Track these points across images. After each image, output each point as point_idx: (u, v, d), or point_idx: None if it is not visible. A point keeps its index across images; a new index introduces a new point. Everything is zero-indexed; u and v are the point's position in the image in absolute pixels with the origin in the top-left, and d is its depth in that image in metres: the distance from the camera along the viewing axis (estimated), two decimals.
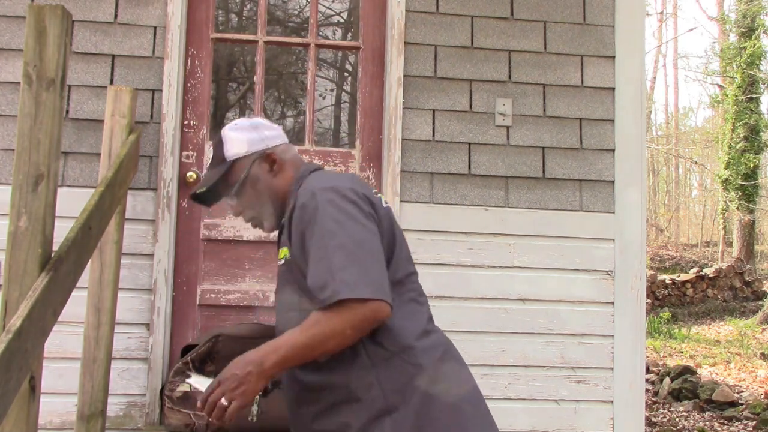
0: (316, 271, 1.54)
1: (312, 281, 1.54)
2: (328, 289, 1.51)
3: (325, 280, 1.52)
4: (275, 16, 3.60)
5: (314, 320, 1.53)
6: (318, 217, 1.58)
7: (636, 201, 3.11)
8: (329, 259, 1.54)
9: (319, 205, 1.59)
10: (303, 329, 1.54)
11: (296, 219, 1.63)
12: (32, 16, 1.70)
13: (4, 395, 1.40)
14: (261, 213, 1.77)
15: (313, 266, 1.55)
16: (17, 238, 1.65)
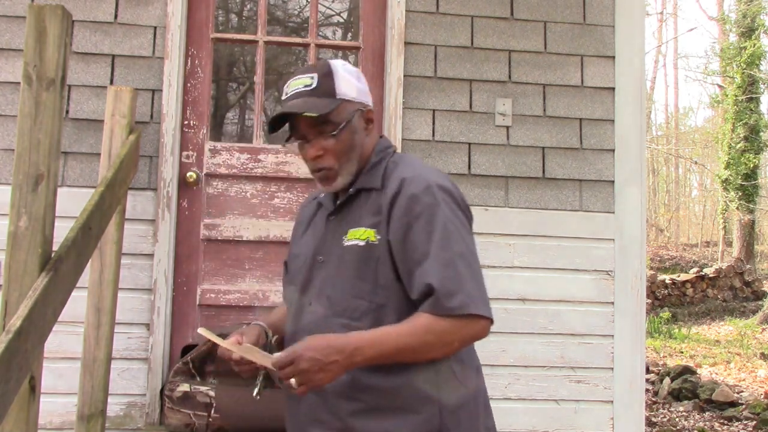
0: (440, 273, 1.46)
1: (437, 283, 1.45)
2: (457, 299, 1.45)
3: (454, 288, 1.45)
4: (275, 16, 3.61)
5: (429, 326, 1.45)
6: (437, 217, 1.51)
7: (636, 201, 3.11)
8: (456, 266, 1.48)
9: (439, 203, 1.52)
10: (414, 333, 1.44)
11: (402, 207, 1.52)
12: (32, 16, 1.70)
13: (4, 395, 1.40)
14: (342, 167, 1.59)
15: (434, 268, 1.47)
16: (17, 238, 1.65)
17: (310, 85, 1.57)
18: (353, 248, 1.56)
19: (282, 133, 1.71)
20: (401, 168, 1.61)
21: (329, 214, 1.65)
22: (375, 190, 1.59)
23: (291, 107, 1.56)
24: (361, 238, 1.56)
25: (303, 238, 1.72)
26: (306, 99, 1.56)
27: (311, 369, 1.38)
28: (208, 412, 2.60)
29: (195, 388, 2.63)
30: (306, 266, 1.64)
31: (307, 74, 1.59)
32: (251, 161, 3.07)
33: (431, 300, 1.46)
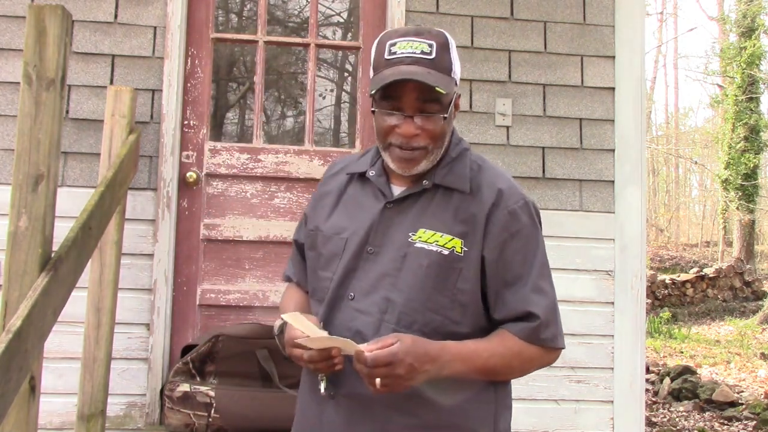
0: (541, 302, 1.42)
1: (541, 313, 1.42)
2: (550, 331, 1.45)
3: (551, 320, 1.45)
4: (275, 16, 3.61)
5: (520, 352, 1.42)
6: (536, 240, 1.46)
7: (636, 201, 3.11)
8: (551, 295, 1.46)
9: (536, 225, 1.48)
10: (503, 355, 1.40)
11: (501, 223, 1.42)
12: (32, 16, 1.70)
13: (4, 395, 1.40)
14: (434, 149, 1.44)
15: (536, 295, 1.42)
16: (17, 238, 1.65)
17: (429, 54, 1.40)
18: (431, 254, 1.40)
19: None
20: (490, 174, 1.52)
21: (389, 202, 1.46)
22: (459, 192, 1.46)
23: (417, 75, 1.35)
24: (445, 245, 1.40)
25: (334, 215, 1.52)
26: (428, 70, 1.38)
27: (405, 375, 1.27)
28: (208, 412, 2.60)
29: (195, 388, 2.63)
30: (349, 253, 1.45)
31: (424, 39, 1.41)
32: (251, 161, 3.07)
33: (528, 327, 1.41)
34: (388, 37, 1.42)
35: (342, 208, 1.52)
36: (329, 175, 1.62)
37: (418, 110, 1.39)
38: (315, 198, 1.61)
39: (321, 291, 1.49)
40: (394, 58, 1.39)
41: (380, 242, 1.44)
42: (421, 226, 1.42)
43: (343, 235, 1.47)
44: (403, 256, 1.41)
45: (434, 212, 1.44)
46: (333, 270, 1.46)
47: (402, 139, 1.40)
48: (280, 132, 3.81)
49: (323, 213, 1.55)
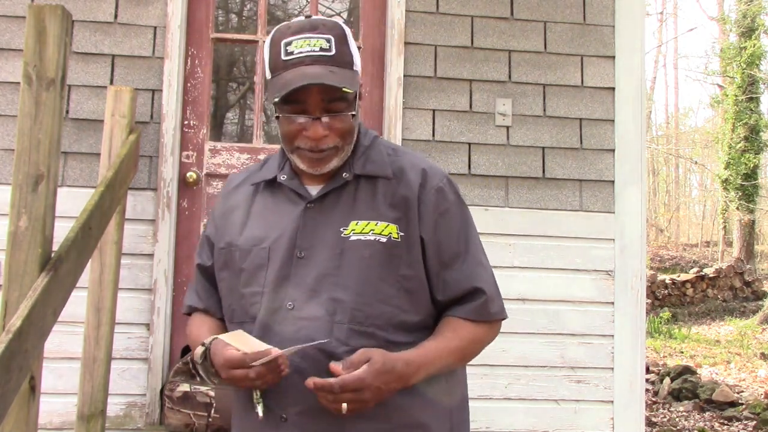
0: (483, 276, 1.42)
1: (487, 287, 1.41)
2: (497, 304, 1.43)
3: (494, 292, 1.43)
4: (275, 16, 3.60)
5: (475, 336, 1.40)
6: (463, 214, 1.45)
7: (636, 201, 3.11)
8: (487, 267, 1.45)
9: (460, 198, 1.45)
10: (462, 347, 1.38)
11: (432, 202, 1.39)
12: (32, 16, 1.70)
13: (4, 395, 1.40)
14: (344, 146, 1.38)
15: (478, 270, 1.42)
16: (17, 238, 1.65)
17: (329, 50, 1.32)
18: (370, 244, 1.34)
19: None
20: (409, 157, 1.47)
21: (309, 202, 1.39)
22: (383, 178, 1.40)
23: (322, 77, 1.28)
24: (382, 233, 1.35)
25: (248, 228, 1.43)
26: (330, 68, 1.30)
27: (371, 399, 1.23)
28: (208, 412, 2.60)
29: (195, 388, 2.63)
30: (277, 261, 1.36)
31: (321, 34, 1.32)
32: (251, 161, 3.07)
33: (477, 305, 1.40)
34: (282, 34, 1.34)
35: (255, 219, 1.43)
36: (230, 189, 1.52)
37: (324, 111, 1.33)
38: (218, 216, 1.50)
39: (247, 309, 1.38)
40: (293, 58, 1.31)
41: (309, 244, 1.36)
42: (352, 219, 1.37)
43: (264, 245, 1.38)
44: (340, 253, 1.34)
45: (362, 202, 1.38)
46: (261, 283, 1.37)
47: (311, 142, 1.34)
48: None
49: (234, 228, 1.44)
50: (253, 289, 1.37)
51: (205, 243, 1.51)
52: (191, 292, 1.55)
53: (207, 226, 1.54)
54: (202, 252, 1.52)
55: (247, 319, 1.37)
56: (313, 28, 1.33)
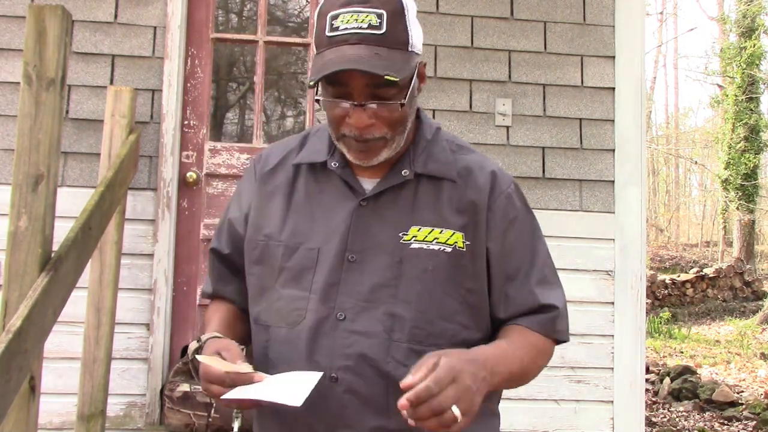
0: (556, 292, 1.28)
1: (560, 304, 1.27)
2: (564, 322, 1.29)
3: (563, 310, 1.29)
4: (275, 16, 3.60)
5: (542, 348, 1.26)
6: (533, 224, 1.32)
7: (636, 201, 3.11)
8: (557, 284, 1.31)
9: (527, 205, 1.33)
10: (532, 355, 1.22)
11: (501, 209, 1.26)
12: (32, 16, 1.70)
13: (4, 395, 1.40)
14: (394, 136, 1.20)
15: (543, 285, 1.27)
16: (17, 238, 1.65)
17: (378, 28, 1.14)
18: (434, 254, 1.20)
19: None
20: (474, 156, 1.32)
21: (363, 199, 1.23)
22: (447, 180, 1.25)
23: (362, 61, 1.11)
24: (446, 242, 1.21)
25: (290, 219, 1.27)
26: (377, 50, 1.13)
27: (473, 386, 1.03)
28: (208, 412, 2.60)
29: (195, 388, 2.63)
30: (327, 264, 1.22)
31: (372, 8, 1.15)
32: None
33: (546, 318, 1.26)
34: (331, 5, 1.16)
35: (298, 211, 1.27)
36: (266, 171, 1.32)
37: (370, 97, 1.15)
38: (251, 201, 1.32)
39: (284, 314, 1.23)
40: (337, 35, 1.14)
41: (361, 247, 1.21)
42: (413, 224, 1.22)
43: (312, 244, 1.23)
44: (399, 262, 1.20)
45: (425, 205, 1.23)
46: (306, 287, 1.22)
47: (355, 130, 1.17)
48: (280, 132, 3.81)
49: (274, 219, 1.27)
50: (297, 293, 1.22)
51: (227, 228, 1.35)
52: (210, 278, 1.41)
53: (230, 208, 1.36)
54: (220, 236, 1.36)
55: (283, 324, 1.23)
56: (365, 0, 1.15)
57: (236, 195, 1.37)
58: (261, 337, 1.26)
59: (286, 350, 1.21)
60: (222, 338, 1.22)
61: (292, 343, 1.21)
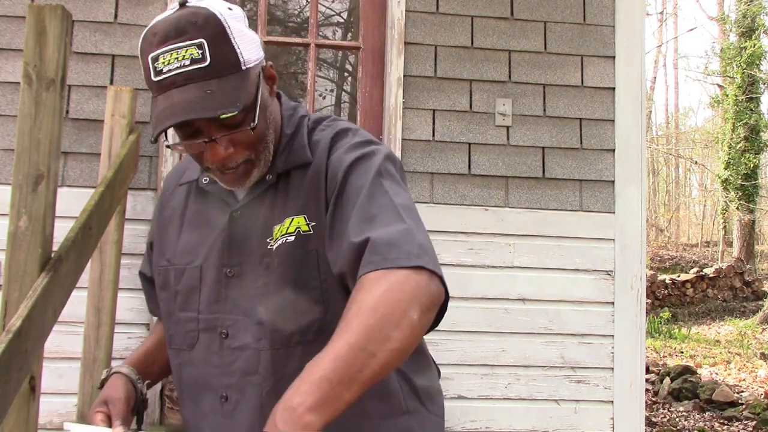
0: (365, 229, 1.05)
1: (375, 235, 1.03)
2: (398, 250, 1.01)
3: (397, 239, 1.03)
4: (275, 16, 3.61)
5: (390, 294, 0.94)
6: (369, 166, 1.16)
7: (636, 201, 3.11)
8: (392, 221, 1.07)
9: (374, 153, 1.19)
10: (364, 309, 0.92)
11: (336, 162, 1.16)
12: (32, 16, 1.70)
13: (4, 395, 1.40)
14: (258, 155, 1.14)
15: (359, 222, 1.07)
16: (17, 238, 1.65)
17: (202, 60, 1.04)
18: (279, 249, 1.13)
19: None
20: (328, 128, 1.22)
21: (234, 210, 1.19)
22: (306, 165, 1.17)
23: (191, 110, 1.03)
24: (288, 231, 1.13)
25: (182, 239, 1.23)
26: (206, 87, 1.04)
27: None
28: None
29: None
30: (208, 282, 1.18)
31: (190, 41, 1.04)
32: None
33: (366, 257, 1.00)
34: (149, 45, 1.07)
35: (187, 230, 1.23)
36: (167, 196, 1.30)
37: (218, 130, 1.08)
38: (156, 228, 1.30)
39: (183, 336, 1.21)
40: (163, 79, 1.05)
41: (238, 260, 1.16)
42: (275, 224, 1.15)
43: (196, 263, 1.19)
44: (266, 268, 1.14)
45: (282, 202, 1.16)
46: (194, 308, 1.19)
47: (217, 164, 1.12)
48: None
49: (171, 243, 1.25)
50: (188, 314, 1.20)
51: (147, 252, 1.36)
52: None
53: (149, 233, 1.36)
54: (144, 260, 1.38)
55: (185, 347, 1.21)
56: (180, 33, 1.05)
57: (152, 219, 1.37)
58: (175, 360, 1.25)
59: (193, 372, 1.21)
60: (122, 375, 1.23)
61: (194, 365, 1.20)
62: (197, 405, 1.20)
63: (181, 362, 1.24)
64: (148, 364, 1.31)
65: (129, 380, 1.24)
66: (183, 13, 1.06)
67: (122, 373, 1.24)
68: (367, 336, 0.89)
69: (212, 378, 1.17)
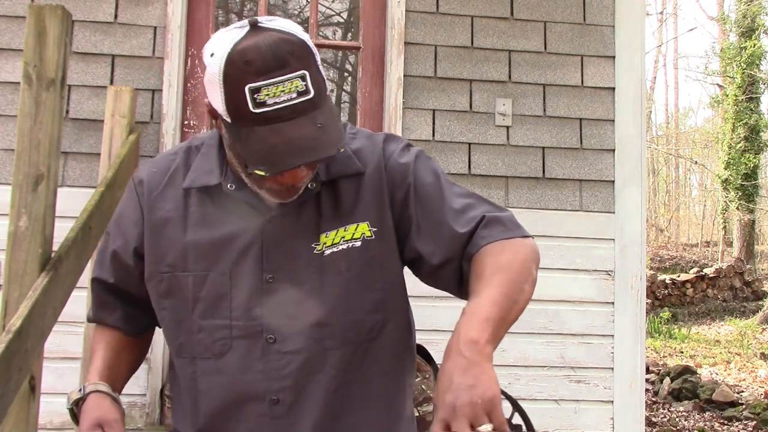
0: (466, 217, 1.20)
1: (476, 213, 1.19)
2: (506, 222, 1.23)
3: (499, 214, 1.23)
4: (275, 16, 3.61)
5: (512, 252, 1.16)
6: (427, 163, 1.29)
7: (636, 201, 3.11)
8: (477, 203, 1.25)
9: (421, 152, 1.31)
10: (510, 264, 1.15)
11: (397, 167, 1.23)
12: (32, 16, 1.70)
13: (4, 395, 1.40)
14: (315, 168, 1.18)
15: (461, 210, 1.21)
16: (17, 238, 1.65)
17: (307, 92, 1.05)
18: (345, 253, 1.18)
19: None
20: (363, 137, 1.26)
21: (273, 216, 1.18)
22: (351, 175, 1.20)
23: (312, 150, 1.05)
24: (354, 237, 1.18)
25: (193, 246, 1.20)
26: (316, 120, 1.06)
27: (480, 392, 0.95)
28: None
29: None
30: (244, 288, 1.18)
31: (294, 72, 1.04)
32: None
33: (480, 232, 1.16)
34: (242, 74, 1.05)
35: (198, 234, 1.20)
36: (153, 195, 1.23)
37: None
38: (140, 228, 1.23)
39: (208, 344, 1.19)
40: (267, 111, 1.04)
41: (277, 266, 1.17)
42: (321, 232, 1.18)
43: (222, 269, 1.18)
44: (317, 272, 1.17)
45: (328, 210, 1.19)
46: (226, 315, 1.18)
47: (294, 184, 1.13)
48: None
49: (174, 247, 1.20)
50: (216, 322, 1.18)
51: (110, 258, 1.27)
52: (97, 307, 1.35)
53: (111, 236, 1.28)
54: (103, 266, 1.29)
55: (209, 355, 1.19)
56: (282, 64, 1.04)
57: (116, 221, 1.28)
58: (187, 369, 1.22)
59: (217, 380, 1.19)
60: (104, 394, 1.19)
61: (223, 372, 1.18)
62: (228, 411, 1.19)
63: (197, 370, 1.21)
64: (113, 379, 1.25)
65: (113, 399, 1.19)
66: (275, 40, 1.05)
67: (102, 391, 1.19)
68: (510, 287, 1.13)
69: (255, 384, 1.17)
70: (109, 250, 1.28)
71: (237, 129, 1.07)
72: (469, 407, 0.93)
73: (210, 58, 1.12)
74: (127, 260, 1.25)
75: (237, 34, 1.09)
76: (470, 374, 0.96)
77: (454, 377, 0.96)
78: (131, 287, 1.28)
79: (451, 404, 0.94)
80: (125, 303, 1.30)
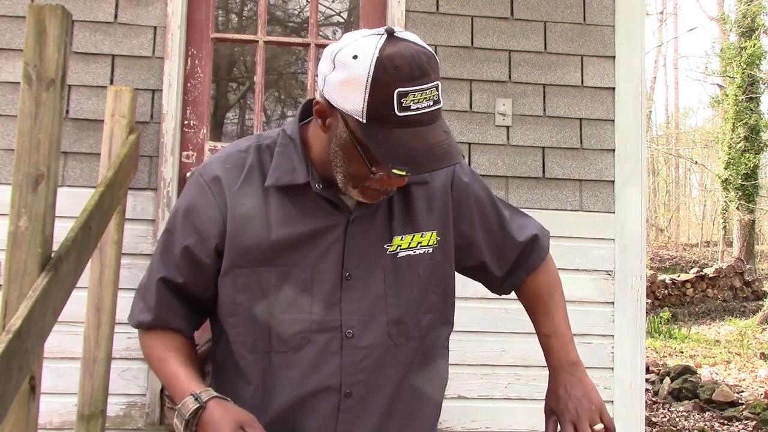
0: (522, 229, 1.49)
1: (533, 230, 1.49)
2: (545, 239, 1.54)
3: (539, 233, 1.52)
4: (275, 16, 3.61)
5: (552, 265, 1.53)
6: (479, 180, 1.51)
7: (636, 201, 3.11)
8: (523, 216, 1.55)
9: (473, 170, 1.54)
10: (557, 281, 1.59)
11: (462, 186, 1.41)
12: (32, 16, 1.70)
13: (4, 395, 1.40)
14: None
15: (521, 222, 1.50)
16: (17, 238, 1.65)
17: (438, 102, 1.14)
18: (421, 258, 1.30)
19: None
20: None
21: (355, 217, 1.26)
22: (419, 183, 1.32)
23: (448, 155, 1.13)
24: (429, 243, 1.30)
25: (276, 243, 1.23)
26: (444, 127, 1.16)
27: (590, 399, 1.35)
28: None
29: None
30: (325, 284, 1.24)
31: (433, 82, 1.13)
32: None
33: (537, 251, 1.46)
34: (393, 78, 1.09)
35: (280, 231, 1.23)
36: (233, 191, 1.25)
37: None
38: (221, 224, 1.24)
39: (286, 338, 1.23)
40: (409, 115, 1.10)
41: (355, 264, 1.25)
42: (394, 234, 1.28)
43: (304, 266, 1.23)
44: (392, 272, 1.27)
45: (400, 214, 1.29)
46: (306, 309, 1.22)
47: (392, 186, 1.22)
48: None
49: (257, 243, 1.23)
50: (297, 316, 1.23)
51: (181, 255, 1.27)
52: (141, 306, 1.39)
53: (178, 233, 1.28)
54: (169, 264, 1.30)
55: (285, 349, 1.23)
56: (424, 74, 1.11)
57: (185, 217, 1.27)
58: (258, 364, 1.26)
59: (291, 374, 1.23)
60: (223, 399, 1.20)
61: (298, 365, 1.23)
62: (299, 405, 1.23)
63: (271, 363, 1.24)
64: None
65: (228, 401, 1.20)
66: (416, 51, 1.12)
67: (220, 396, 1.21)
68: (563, 301, 1.54)
69: (330, 378, 1.22)
70: (177, 246, 1.28)
71: (372, 129, 1.11)
72: (588, 412, 1.30)
73: (353, 60, 1.12)
74: (202, 257, 1.26)
75: (377, 41, 1.13)
76: (580, 388, 1.34)
77: (570, 391, 1.34)
78: (198, 287, 1.30)
79: (575, 410, 1.30)
80: (187, 304, 1.33)
